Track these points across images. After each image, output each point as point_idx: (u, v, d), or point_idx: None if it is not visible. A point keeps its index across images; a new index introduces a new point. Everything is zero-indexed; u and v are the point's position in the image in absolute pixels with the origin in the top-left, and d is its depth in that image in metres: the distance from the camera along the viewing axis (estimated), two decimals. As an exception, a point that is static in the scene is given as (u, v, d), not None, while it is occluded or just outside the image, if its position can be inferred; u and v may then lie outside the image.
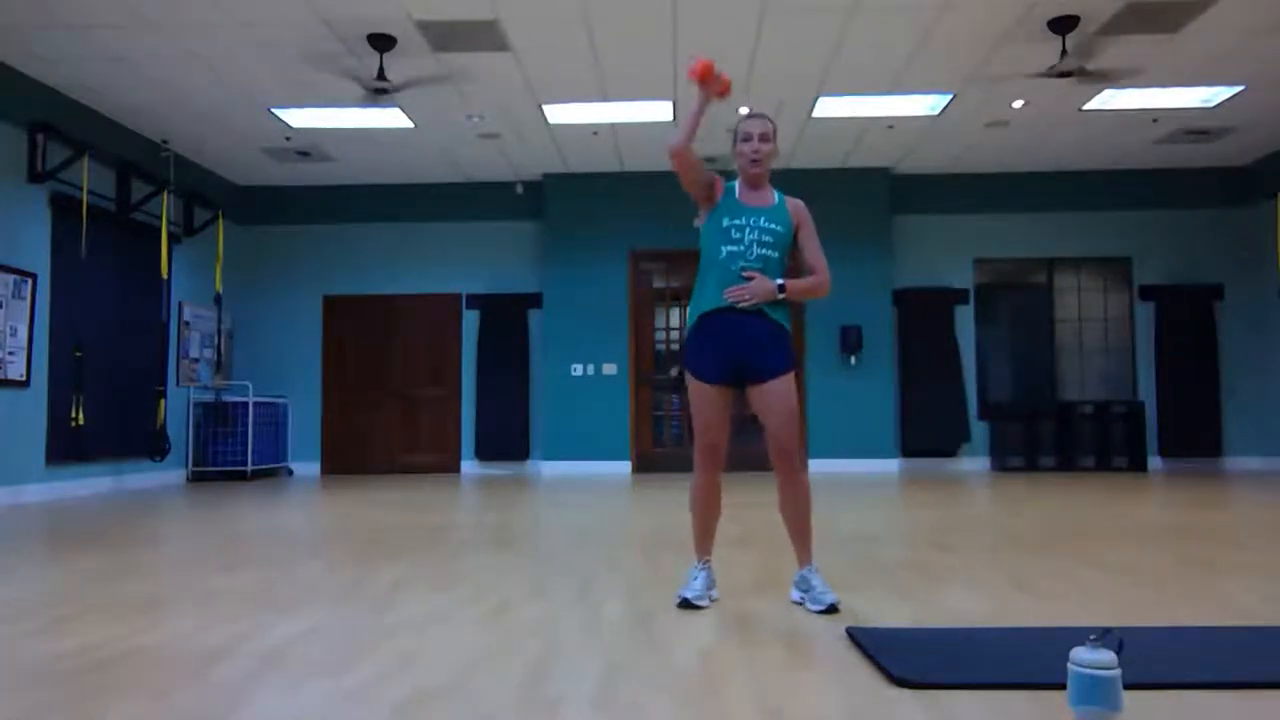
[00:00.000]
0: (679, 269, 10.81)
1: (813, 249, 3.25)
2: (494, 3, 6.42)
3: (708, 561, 3.25)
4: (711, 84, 3.13)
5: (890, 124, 9.08)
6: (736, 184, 3.25)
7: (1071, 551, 4.31)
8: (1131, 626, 2.70)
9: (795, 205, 3.26)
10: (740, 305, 3.10)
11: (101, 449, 8.40)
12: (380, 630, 2.82)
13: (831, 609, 2.99)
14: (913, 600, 3.20)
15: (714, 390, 3.16)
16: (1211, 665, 2.30)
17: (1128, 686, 1.91)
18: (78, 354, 7.99)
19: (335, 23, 6.68)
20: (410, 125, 8.91)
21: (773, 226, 3.16)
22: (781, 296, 3.13)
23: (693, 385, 3.19)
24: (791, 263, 3.25)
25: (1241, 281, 10.58)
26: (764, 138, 3.18)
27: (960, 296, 10.74)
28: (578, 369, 10.58)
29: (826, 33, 6.97)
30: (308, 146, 9.57)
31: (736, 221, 3.15)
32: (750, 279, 3.10)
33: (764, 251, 3.13)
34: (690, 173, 3.15)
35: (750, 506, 6.29)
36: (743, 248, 3.13)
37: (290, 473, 10.78)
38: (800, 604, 3.11)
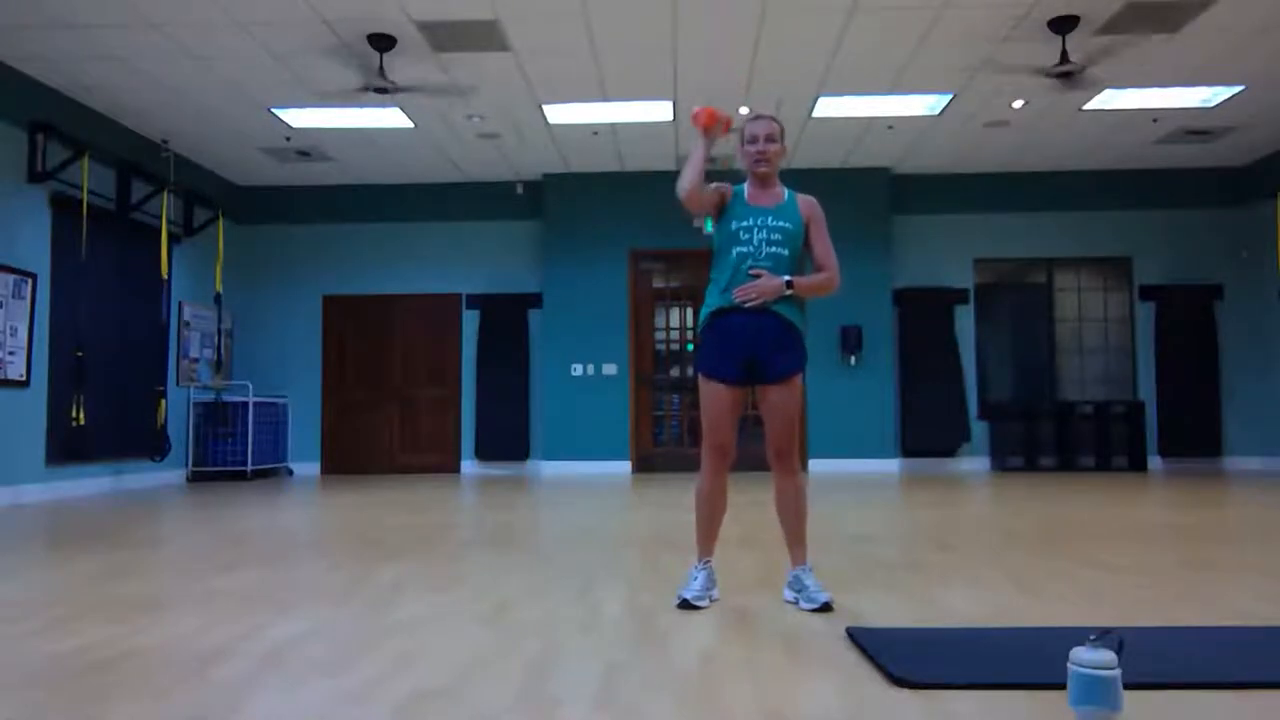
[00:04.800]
0: (679, 269, 10.81)
1: (822, 246, 3.25)
2: (494, 3, 6.42)
3: (708, 561, 3.24)
4: (714, 129, 3.17)
5: (890, 124, 9.08)
6: (745, 186, 3.26)
7: (1072, 551, 4.31)
8: (1131, 626, 2.70)
9: (806, 202, 3.26)
10: (748, 305, 3.10)
11: (101, 449, 8.39)
12: (380, 630, 2.82)
13: (825, 608, 2.99)
14: (913, 600, 3.20)
15: (724, 389, 3.16)
16: (1211, 665, 2.30)
17: (1128, 686, 1.91)
18: (78, 354, 7.99)
19: (335, 23, 6.68)
20: (410, 125, 8.91)
21: (781, 224, 3.16)
22: (789, 293, 3.12)
23: (703, 384, 3.20)
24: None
25: (1241, 281, 10.58)
26: (769, 138, 3.20)
27: (960, 296, 10.74)
28: (578, 369, 10.58)
29: (826, 33, 6.97)
30: (307, 146, 9.57)
31: (745, 223, 3.16)
32: (757, 277, 3.10)
33: (773, 250, 3.14)
34: (700, 206, 3.19)
35: (751, 506, 6.29)
36: (752, 248, 3.14)
37: (290, 473, 10.78)
38: (793, 604, 3.11)
